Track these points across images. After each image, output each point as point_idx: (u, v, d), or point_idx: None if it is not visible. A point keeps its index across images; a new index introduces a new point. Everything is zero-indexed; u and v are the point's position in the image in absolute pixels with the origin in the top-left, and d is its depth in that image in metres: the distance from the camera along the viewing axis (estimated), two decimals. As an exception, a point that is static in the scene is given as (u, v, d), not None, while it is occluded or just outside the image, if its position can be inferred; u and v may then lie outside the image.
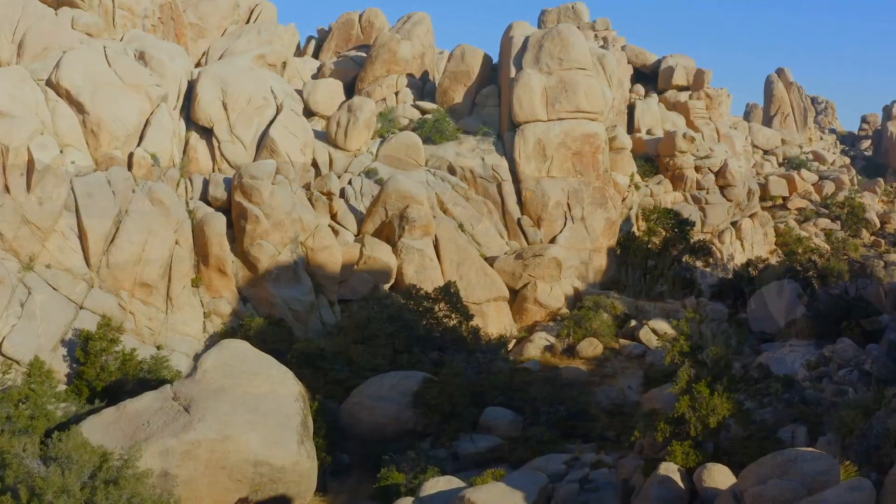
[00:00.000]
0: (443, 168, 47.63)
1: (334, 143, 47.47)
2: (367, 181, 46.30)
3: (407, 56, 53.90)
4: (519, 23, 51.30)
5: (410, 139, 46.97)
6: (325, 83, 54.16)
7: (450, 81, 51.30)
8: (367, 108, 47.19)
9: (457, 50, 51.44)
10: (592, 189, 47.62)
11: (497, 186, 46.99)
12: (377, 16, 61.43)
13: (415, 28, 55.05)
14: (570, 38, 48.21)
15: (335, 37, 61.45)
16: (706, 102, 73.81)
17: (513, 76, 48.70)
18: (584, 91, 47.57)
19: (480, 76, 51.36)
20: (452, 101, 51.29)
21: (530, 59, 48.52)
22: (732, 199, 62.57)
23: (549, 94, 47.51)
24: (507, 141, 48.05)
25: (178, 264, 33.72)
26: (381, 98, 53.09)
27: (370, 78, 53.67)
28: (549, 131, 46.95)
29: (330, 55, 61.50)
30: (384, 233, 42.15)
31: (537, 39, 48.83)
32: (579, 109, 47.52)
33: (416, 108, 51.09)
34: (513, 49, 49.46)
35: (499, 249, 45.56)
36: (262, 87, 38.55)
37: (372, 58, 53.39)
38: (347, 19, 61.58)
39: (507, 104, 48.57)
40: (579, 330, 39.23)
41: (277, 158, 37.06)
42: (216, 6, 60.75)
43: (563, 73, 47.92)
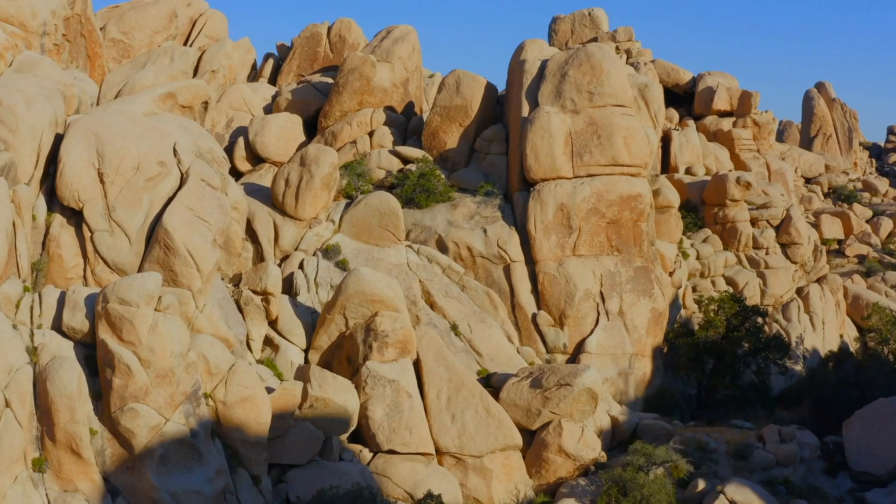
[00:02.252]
0: (430, 243, 34.87)
1: (282, 209, 34.71)
2: (325, 264, 33.50)
3: (385, 84, 41.09)
4: (533, 42, 38.51)
5: (386, 203, 34.18)
6: (279, 120, 41.38)
7: (441, 119, 38.48)
8: (327, 159, 34.39)
9: (450, 77, 38.63)
10: (634, 271, 34.86)
11: (505, 270, 34.24)
12: (350, 29, 48.61)
13: (396, 46, 42.23)
14: (602, 63, 35.43)
15: (297, 55, 48.64)
16: (753, 131, 61.12)
17: (525, 115, 35.94)
18: (624, 137, 34.82)
19: (482, 113, 38.54)
20: (444, 146, 38.50)
21: (549, 93, 35.75)
22: (797, 260, 49.77)
23: (576, 142, 34.76)
24: (517, 204, 35.30)
25: (6, 440, 21.08)
26: (349, 140, 40.30)
27: (336, 113, 40.86)
28: (576, 193, 34.19)
29: (291, 79, 48.66)
30: (343, 350, 29.41)
31: (558, 65, 36.05)
32: (616, 162, 34.77)
33: (395, 156, 38.25)
34: (525, 77, 36.69)
35: (506, 360, 32.80)
36: (160, 146, 25.88)
37: (339, 86, 40.58)
38: (312, 33, 48.75)
39: (517, 153, 35.86)
40: (626, 501, 26.62)
41: (174, 259, 24.41)
42: (146, 17, 47.97)
43: (594, 111, 35.15)
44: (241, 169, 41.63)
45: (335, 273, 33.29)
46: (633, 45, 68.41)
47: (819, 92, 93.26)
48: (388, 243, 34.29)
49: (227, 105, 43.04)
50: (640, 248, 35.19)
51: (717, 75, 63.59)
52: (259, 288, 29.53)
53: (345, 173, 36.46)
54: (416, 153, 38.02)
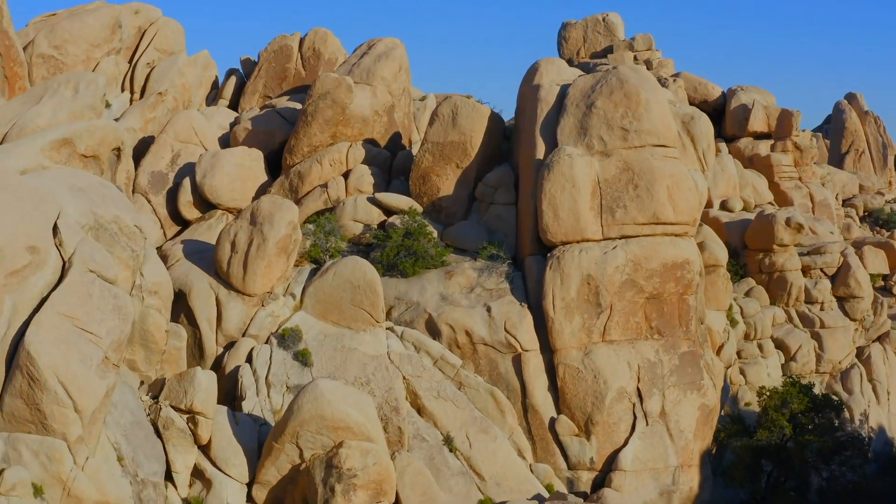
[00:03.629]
0: (418, 324, 27.05)
1: (227, 281, 26.96)
2: (281, 355, 25.73)
3: (364, 111, 33.23)
4: (549, 62, 30.66)
5: (361, 274, 26.38)
6: (233, 156, 33.54)
7: (433, 159, 30.63)
8: (284, 217, 26.60)
9: (445, 106, 30.74)
10: (680, 358, 27.06)
11: (514, 361, 26.43)
12: (325, 41, 40.67)
13: (379, 65, 34.36)
14: (640, 91, 27.59)
15: (263, 73, 40.73)
16: (794, 156, 53.26)
17: (541, 156, 28.14)
18: (667, 186, 27.01)
19: (485, 151, 30.70)
20: (437, 193, 30.66)
21: (572, 128, 27.93)
22: (857, 317, 41.97)
23: (607, 193, 26.97)
24: (531, 273, 27.51)
25: None
26: (320, 183, 32.47)
27: (304, 147, 33.01)
28: (607, 260, 26.37)
29: (255, 101, 40.78)
30: (299, 487, 21.64)
31: (583, 92, 28.20)
32: (658, 219, 26.95)
33: (375, 206, 30.37)
34: (540, 107, 28.87)
35: (517, 483, 25.04)
36: (33, 223, 18.05)
37: (307, 115, 32.72)
38: (281, 46, 40.83)
39: (530, 205, 28.08)
40: None
41: (40, 395, 16.58)
42: (82, 27, 40.08)
43: (629, 153, 27.34)
44: (188, 217, 33.85)
45: (293, 369, 25.52)
46: (653, 56, 60.51)
47: (850, 104, 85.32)
48: (364, 326, 26.48)
49: (172, 136, 35.21)
50: (687, 329, 27.38)
51: (751, 91, 55.68)
52: (184, 405, 21.71)
53: (310, 232, 28.57)
54: (401, 202, 30.16)
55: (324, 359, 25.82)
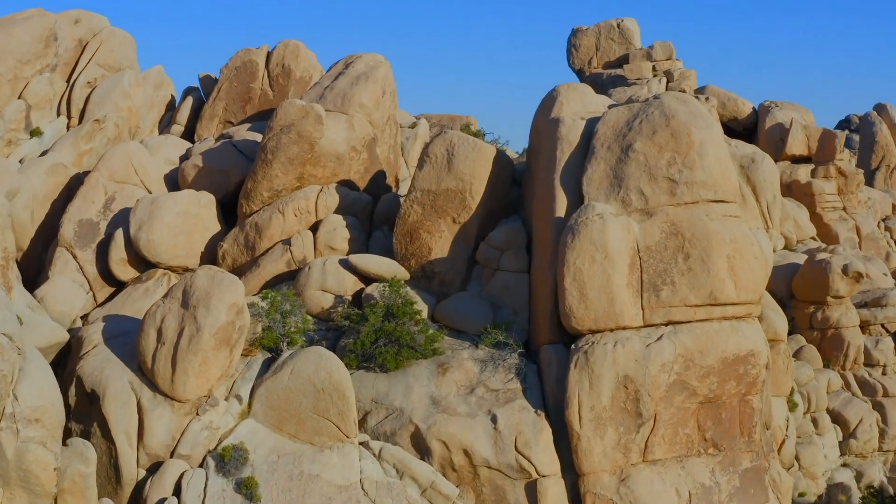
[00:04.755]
0: (401, 438, 20.59)
1: (151, 380, 20.57)
2: (219, 484, 19.34)
3: (338, 147, 26.79)
4: (571, 88, 24.13)
5: (326, 374, 19.97)
6: (177, 203, 27.11)
7: (423, 211, 24.14)
8: (224, 299, 20.18)
9: (438, 144, 24.22)
10: (741, 477, 20.65)
11: (529, 490, 19.98)
12: (297, 56, 34.18)
13: (358, 88, 27.86)
14: (691, 129, 21.14)
15: (224, 94, 34.28)
16: (838, 183, 46.86)
17: (561, 213, 21.72)
18: (728, 255, 20.59)
19: (489, 201, 24.21)
20: (428, 254, 24.17)
21: (602, 177, 21.52)
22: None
23: (649, 265, 20.57)
24: (548, 368, 21.10)
25: None
26: (281, 237, 26.04)
27: (263, 192, 26.58)
28: (651, 356, 19.95)
29: (215, 128, 34.33)
30: None
31: (616, 131, 21.75)
32: (716, 299, 20.52)
33: (350, 272, 23.86)
34: (561, 148, 22.42)
35: None
36: None
37: (267, 152, 26.26)
38: (245, 62, 34.35)
39: (547, 276, 21.69)
40: None
41: None
42: (9, 40, 33.64)
43: (678, 212, 20.90)
44: (122, 277, 27.49)
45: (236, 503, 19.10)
46: (673, 66, 54.14)
47: (880, 115, 78.90)
48: (330, 441, 20.05)
49: (106, 175, 28.77)
50: (750, 439, 20.96)
51: (787, 108, 49.24)
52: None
53: (262, 313, 22.09)
54: (382, 267, 23.69)
55: (275, 490, 19.39)
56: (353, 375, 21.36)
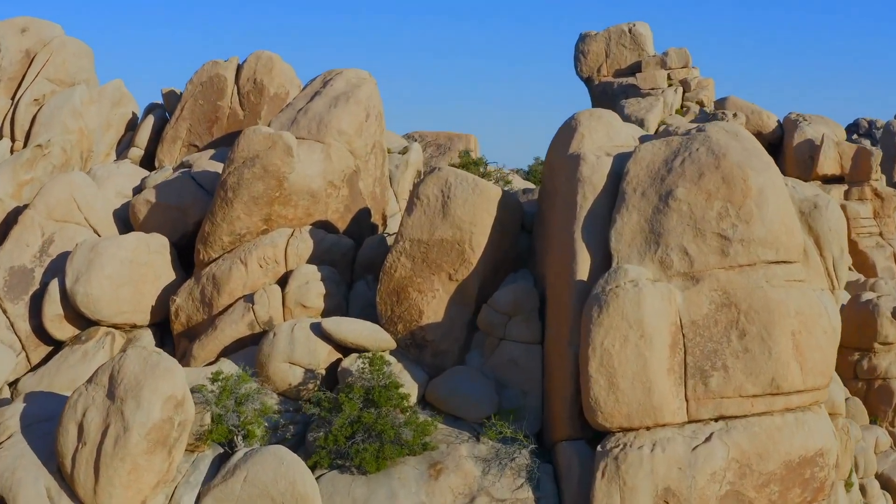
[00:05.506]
0: (384, 564, 16.35)
1: (71, 488, 16.31)
2: None
3: (314, 183, 22.46)
4: (594, 116, 19.70)
5: (288, 482, 15.71)
6: (121, 249, 22.79)
7: (414, 265, 19.79)
8: (159, 388, 15.90)
9: (431, 184, 19.79)
10: None
11: None
12: (271, 69, 29.83)
13: (337, 111, 23.48)
14: (747, 172, 16.82)
15: (188, 113, 29.97)
16: (874, 206, 42.61)
17: (583, 274, 17.42)
18: (793, 331, 16.31)
19: (493, 251, 19.79)
20: (418, 319, 19.80)
21: (635, 231, 17.23)
22: None
23: (696, 346, 16.28)
24: (568, 473, 16.77)
25: None
26: (243, 293, 21.73)
27: (224, 237, 22.25)
28: (698, 463, 15.66)
29: (177, 153, 30.01)
30: None
31: (651, 172, 17.45)
32: (780, 388, 16.22)
33: (324, 339, 19.53)
34: (583, 191, 18.09)
35: None
36: None
37: (227, 189, 21.93)
38: (212, 77, 29.97)
39: (565, 350, 17.42)
40: None
41: None
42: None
43: (732, 277, 16.60)
44: (58, 336, 23.22)
45: None
46: (690, 75, 49.87)
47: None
48: (292, 572, 15.78)
49: (44, 212, 24.47)
50: (819, 557, 16.72)
51: (816, 122, 44.97)
52: None
53: (210, 400, 17.78)
54: (362, 335, 19.37)
55: None
56: (324, 478, 17.10)
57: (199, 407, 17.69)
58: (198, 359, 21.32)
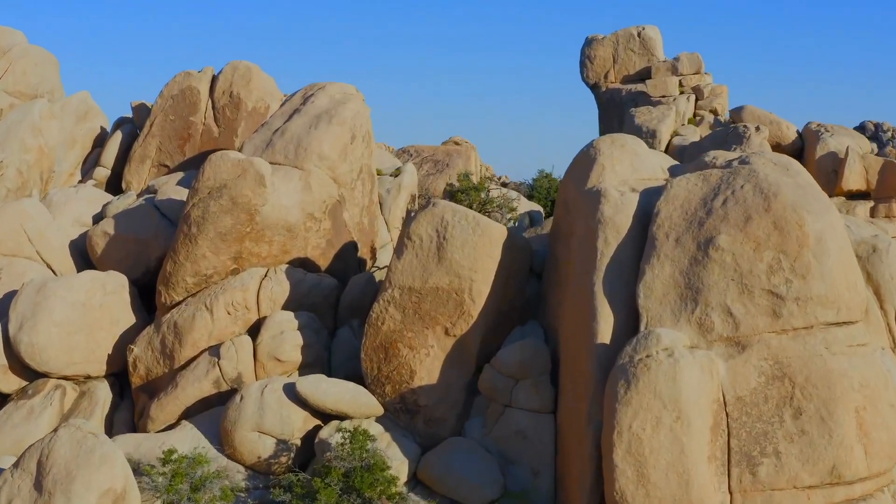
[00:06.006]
0: None
1: None
2: None
3: (291, 216, 19.61)
4: (617, 142, 16.81)
5: None
6: (71, 291, 19.92)
7: (404, 317, 16.97)
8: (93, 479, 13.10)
9: (424, 221, 16.96)
10: None
11: None
12: (248, 81, 26.96)
13: (318, 133, 20.58)
14: (803, 215, 13.98)
15: (159, 128, 27.11)
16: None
17: (604, 337, 14.58)
18: (857, 408, 13.48)
19: (497, 301, 16.97)
20: (409, 380, 16.93)
21: (668, 285, 14.37)
22: None
23: (742, 427, 13.41)
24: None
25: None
26: (209, 345, 18.85)
27: (187, 278, 19.35)
28: (748, 571, 12.89)
29: (146, 174, 27.16)
30: None
31: (688, 213, 14.58)
32: (841, 477, 13.31)
33: (298, 404, 16.70)
34: (604, 235, 15.22)
35: None
36: None
37: (191, 223, 19.09)
38: (184, 89, 27.09)
39: (584, 428, 14.58)
40: None
41: None
42: None
43: (785, 343, 13.74)
44: (2, 389, 20.37)
45: None
46: (703, 81, 46.98)
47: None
48: None
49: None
50: None
51: (839, 133, 41.99)
52: None
53: (162, 490, 14.94)
54: (344, 399, 16.56)
55: None
56: (296, 582, 14.30)
57: (148, 495, 14.88)
58: (156, 421, 18.50)
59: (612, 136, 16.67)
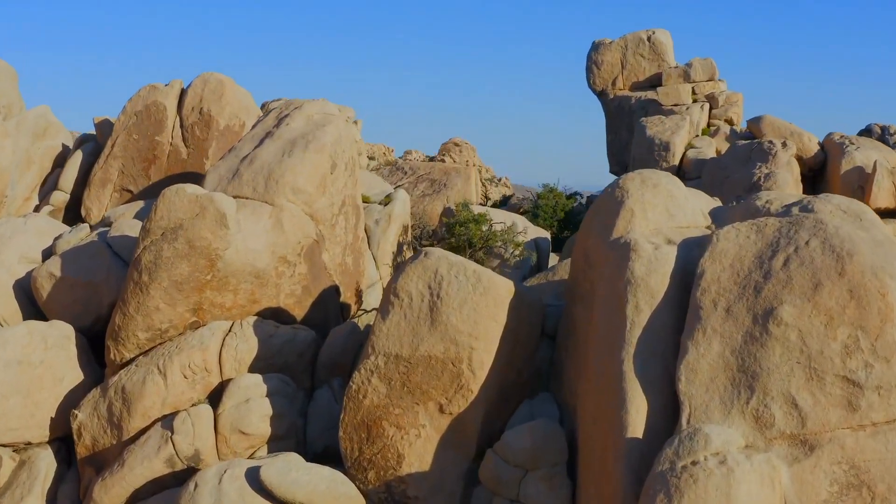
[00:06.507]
0: None
1: None
2: None
3: (259, 261, 16.81)
4: (648, 181, 13.95)
5: None
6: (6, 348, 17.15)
7: (390, 390, 14.16)
8: None
9: (412, 277, 14.14)
10: None
11: None
12: (221, 95, 24.02)
13: (292, 162, 17.70)
14: (884, 283, 11.10)
15: (121, 149, 24.28)
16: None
17: (636, 432, 11.74)
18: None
19: (502, 368, 14.20)
20: (396, 466, 14.09)
21: (716, 369, 11.52)
22: None
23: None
24: None
25: None
26: (162, 414, 16.03)
27: (137, 334, 16.59)
28: None
29: (108, 200, 24.34)
30: None
31: (739, 275, 11.76)
32: None
33: (266, 498, 13.90)
34: (634, 299, 12.38)
35: None
36: None
37: (142, 270, 16.29)
38: (150, 104, 24.19)
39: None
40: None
41: None
42: None
43: (862, 441, 10.85)
44: (-77, 458, 17.54)
45: None
46: (717, 89, 44.19)
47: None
48: None
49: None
50: None
51: (865, 146, 39.13)
52: None
53: None
54: (318, 490, 13.75)
55: None
56: None
57: None
58: (100, 505, 15.68)
59: (642, 175, 13.80)
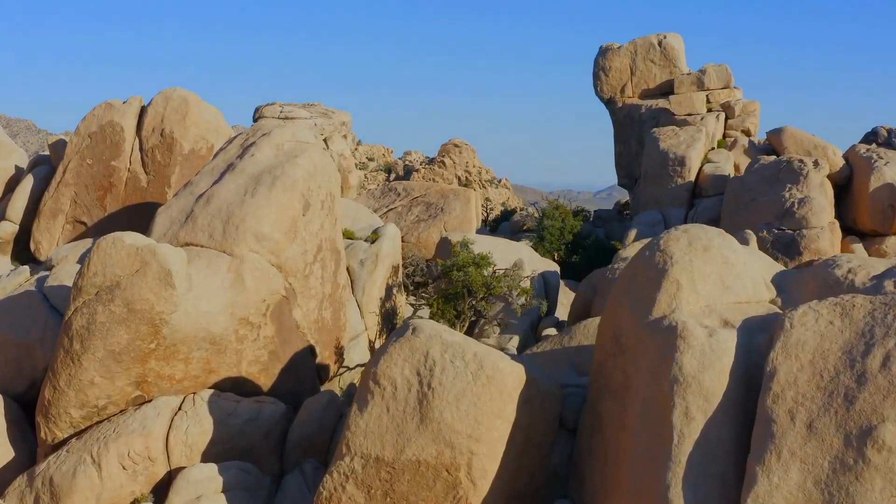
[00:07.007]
0: None
1: None
2: None
3: (213, 324, 13.94)
4: (693, 241, 11.01)
5: None
6: None
7: (367, 502, 11.33)
8: None
9: (396, 361, 11.19)
10: None
11: None
12: (185, 114, 21.03)
13: (255, 202, 14.84)
14: None
15: (73, 175, 21.37)
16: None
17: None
18: None
19: (510, 474, 11.31)
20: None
21: (798, 503, 8.74)
22: None
23: None
24: None
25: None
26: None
27: (70, 411, 13.72)
28: None
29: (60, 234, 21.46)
30: None
31: (820, 371, 8.94)
32: None
33: None
34: (683, 403, 9.51)
35: None
36: None
37: (72, 337, 13.48)
38: (106, 125, 21.27)
39: None
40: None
41: None
42: None
43: None
44: None
45: None
46: (732, 97, 41.33)
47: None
48: None
49: None
50: None
51: (894, 161, 36.43)
52: None
53: None
54: None
55: None
56: None
57: None
58: None
59: (688, 234, 10.89)
